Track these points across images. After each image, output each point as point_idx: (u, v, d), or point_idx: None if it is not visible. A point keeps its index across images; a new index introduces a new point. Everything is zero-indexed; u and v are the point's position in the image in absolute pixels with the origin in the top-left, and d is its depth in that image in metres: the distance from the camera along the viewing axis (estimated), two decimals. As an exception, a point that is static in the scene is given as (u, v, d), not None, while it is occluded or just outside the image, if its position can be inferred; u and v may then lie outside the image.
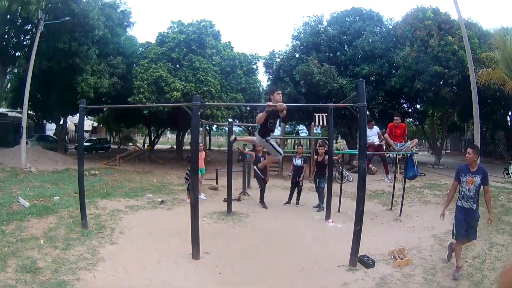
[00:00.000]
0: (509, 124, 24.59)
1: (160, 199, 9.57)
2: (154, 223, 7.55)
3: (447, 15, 19.07)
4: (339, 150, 16.19)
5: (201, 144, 11.07)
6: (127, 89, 17.97)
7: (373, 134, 9.70)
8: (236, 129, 36.92)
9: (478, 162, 5.37)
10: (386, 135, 9.39)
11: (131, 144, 38.54)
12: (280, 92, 5.77)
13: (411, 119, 26.97)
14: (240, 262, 5.67)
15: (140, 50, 19.64)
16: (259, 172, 9.87)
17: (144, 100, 16.21)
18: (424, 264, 5.80)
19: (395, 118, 9.65)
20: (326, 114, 18.05)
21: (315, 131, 20.07)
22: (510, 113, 24.44)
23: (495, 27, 18.98)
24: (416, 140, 9.67)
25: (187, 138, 27.24)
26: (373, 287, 4.94)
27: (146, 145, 28.36)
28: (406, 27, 19.10)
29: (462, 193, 5.38)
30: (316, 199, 10.01)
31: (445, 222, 8.08)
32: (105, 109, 25.78)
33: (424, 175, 15.60)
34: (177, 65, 17.60)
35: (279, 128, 19.28)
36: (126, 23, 20.26)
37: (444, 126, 22.88)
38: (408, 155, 8.98)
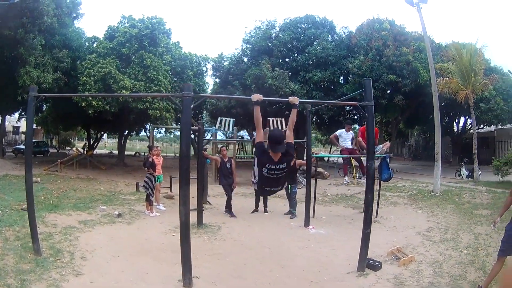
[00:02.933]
0: (455, 130, 26.91)
1: (116, 212, 8.64)
2: (118, 242, 6.64)
3: (402, 28, 21.05)
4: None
5: (158, 148, 10.51)
6: (71, 86, 16.63)
7: (349, 138, 10.05)
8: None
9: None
10: (359, 138, 9.70)
11: (69, 148, 36.33)
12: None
13: (357, 126, 28.24)
14: (240, 283, 5.20)
15: (87, 44, 18.31)
16: (224, 180, 9.55)
17: (90, 98, 15.05)
18: (425, 259, 6.09)
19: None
20: (281, 118, 18.43)
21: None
22: (456, 120, 26.83)
23: (446, 42, 21.03)
24: (388, 143, 10.20)
25: (129, 142, 25.81)
26: None
27: (85, 150, 26.50)
28: (361, 36, 20.50)
29: None
30: (283, 205, 9.95)
31: (423, 220, 8.78)
32: (44, 108, 23.51)
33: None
34: (127, 62, 16.71)
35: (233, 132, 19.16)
36: (74, 14, 18.66)
37: (393, 132, 24.37)
38: (382, 157, 9.39)
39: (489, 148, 26.42)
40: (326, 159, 27.95)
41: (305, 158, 10.41)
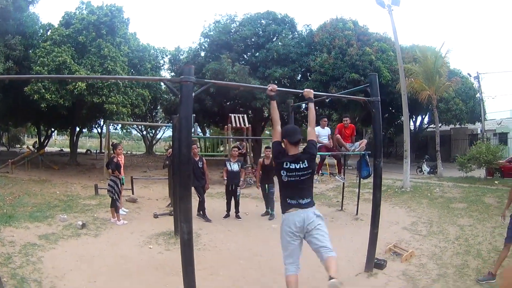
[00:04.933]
0: (412, 128, 28.28)
1: (79, 222, 7.64)
2: (89, 262, 5.73)
3: (365, 28, 21.86)
4: None
5: (120, 146, 9.63)
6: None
7: (325, 134, 9.86)
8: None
9: None
10: (338, 135, 9.67)
11: (19, 146, 33.64)
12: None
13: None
14: None
15: (41, 31, 16.78)
16: (196, 181, 8.71)
17: (43, 91, 13.77)
18: (423, 253, 6.31)
19: (344, 119, 10.19)
20: (243, 115, 18.21)
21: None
22: (414, 119, 28.16)
23: (406, 44, 22.30)
24: (365, 140, 10.12)
25: (82, 139, 24.21)
26: (406, 285, 5.10)
27: (35, 148, 24.55)
28: (324, 34, 20.84)
29: None
30: (255, 205, 9.76)
31: (403, 215, 9.09)
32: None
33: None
34: (83, 51, 15.50)
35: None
36: None
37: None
38: (361, 155, 9.40)
39: (445, 146, 28.38)
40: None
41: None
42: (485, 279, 4.94)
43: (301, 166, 3.77)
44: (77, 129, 22.26)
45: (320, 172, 12.78)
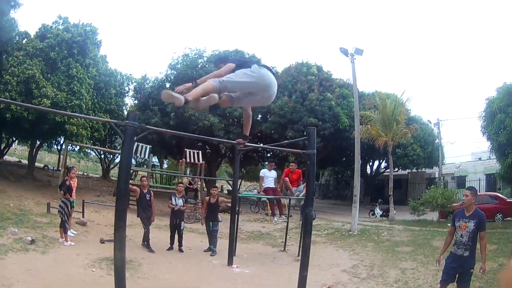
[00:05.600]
0: (368, 172, 29.08)
1: (29, 238, 7.91)
2: (36, 276, 5.94)
3: (329, 74, 22.84)
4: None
5: (73, 170, 9.73)
6: None
7: (272, 177, 10.07)
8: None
9: (474, 206, 5.18)
10: (286, 178, 9.97)
11: None
12: None
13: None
14: None
15: (17, 39, 16.52)
16: (142, 212, 9.06)
17: (10, 100, 13.60)
18: None
19: (291, 164, 10.65)
20: (198, 151, 18.38)
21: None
22: (370, 163, 29.08)
23: (368, 90, 23.43)
24: None
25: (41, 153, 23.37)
26: None
27: None
28: (287, 78, 21.66)
29: (456, 238, 5.17)
30: (200, 241, 9.90)
31: (346, 258, 9.29)
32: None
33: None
34: (53, 68, 15.43)
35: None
36: (13, 2, 16.65)
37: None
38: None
39: (401, 189, 29.51)
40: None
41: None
42: None
43: None
44: (38, 143, 21.69)
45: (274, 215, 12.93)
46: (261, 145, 11.69)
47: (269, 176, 9.92)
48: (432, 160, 26.23)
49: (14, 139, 28.09)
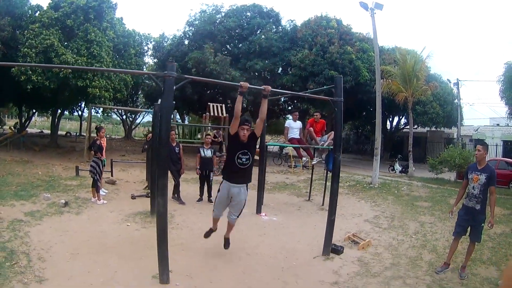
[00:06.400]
0: (388, 128, 29.10)
1: (62, 201, 8.10)
2: (72, 237, 6.13)
3: (349, 28, 22.20)
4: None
5: (103, 129, 9.80)
6: (9, 58, 15.05)
7: (297, 128, 10.23)
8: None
9: (486, 160, 5.44)
10: (311, 128, 10.05)
11: None
12: (245, 127, 4.87)
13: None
14: (214, 274, 5.08)
15: (29, 13, 16.67)
16: (172, 166, 9.04)
17: (30, 72, 13.84)
18: (380, 243, 6.75)
19: (315, 114, 10.56)
20: (222, 105, 18.57)
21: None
22: (390, 119, 29.01)
23: (388, 45, 22.93)
24: (333, 132, 10.37)
25: (61, 121, 24.03)
26: (359, 269, 5.48)
27: (16, 128, 24.32)
28: (307, 31, 21.17)
29: (468, 191, 5.39)
30: None
31: (367, 209, 9.59)
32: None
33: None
34: (70, 35, 15.56)
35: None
36: None
37: (329, 125, 25.70)
38: (330, 149, 9.75)
39: (420, 147, 29.42)
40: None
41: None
42: (442, 269, 5.37)
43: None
44: (59, 111, 22.27)
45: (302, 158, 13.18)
46: (288, 92, 11.58)
47: (294, 127, 10.03)
48: (450, 120, 26.16)
49: (34, 111, 28.94)
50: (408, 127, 20.60)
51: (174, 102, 17.92)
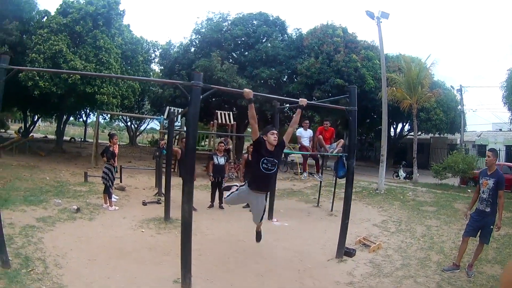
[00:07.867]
0: (392, 135, 29.40)
1: (74, 207, 8.07)
2: (88, 242, 6.14)
3: (354, 36, 22.60)
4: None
5: (116, 136, 9.96)
6: (16, 63, 15.25)
7: (307, 136, 10.53)
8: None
9: (496, 166, 5.76)
10: (320, 136, 10.29)
11: (3, 130, 33.46)
12: (274, 132, 4.93)
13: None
14: (234, 277, 5.29)
15: (37, 18, 16.94)
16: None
17: (37, 78, 14.03)
18: (390, 246, 7.03)
19: (325, 122, 10.83)
20: (229, 112, 18.83)
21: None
22: (394, 125, 29.27)
23: (392, 53, 23.39)
24: (342, 141, 10.68)
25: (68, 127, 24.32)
26: (371, 270, 5.78)
27: (20, 133, 24.65)
28: (313, 39, 21.55)
29: (479, 195, 5.72)
30: None
31: (375, 214, 9.90)
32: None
33: None
34: (79, 41, 15.77)
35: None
36: None
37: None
38: (339, 156, 10.03)
39: (424, 153, 29.76)
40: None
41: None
42: (449, 268, 5.68)
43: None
44: (64, 117, 22.51)
45: (306, 172, 13.44)
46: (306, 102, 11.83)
47: (304, 136, 10.33)
48: (454, 126, 26.44)
49: (39, 116, 29.18)
50: (411, 133, 20.84)
51: (181, 109, 18.13)
